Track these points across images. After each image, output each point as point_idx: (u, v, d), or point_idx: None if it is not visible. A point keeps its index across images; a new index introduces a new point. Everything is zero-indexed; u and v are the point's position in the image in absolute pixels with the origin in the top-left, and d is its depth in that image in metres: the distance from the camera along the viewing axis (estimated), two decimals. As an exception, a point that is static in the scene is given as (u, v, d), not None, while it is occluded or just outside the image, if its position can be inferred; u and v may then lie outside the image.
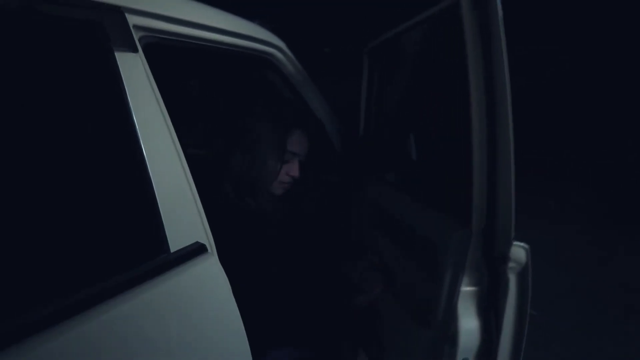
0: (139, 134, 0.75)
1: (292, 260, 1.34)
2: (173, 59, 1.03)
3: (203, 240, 0.85)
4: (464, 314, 1.06)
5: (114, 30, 0.75)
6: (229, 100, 1.43)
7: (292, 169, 1.26)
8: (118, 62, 0.74)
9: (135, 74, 0.77)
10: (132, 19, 0.82)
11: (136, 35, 0.83)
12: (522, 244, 0.98)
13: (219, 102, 1.45)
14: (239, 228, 1.13)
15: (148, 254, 0.75)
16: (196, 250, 0.82)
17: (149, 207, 0.75)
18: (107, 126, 0.75)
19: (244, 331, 0.89)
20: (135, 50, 0.79)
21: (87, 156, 0.72)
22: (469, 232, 1.00)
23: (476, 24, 0.90)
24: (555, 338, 2.46)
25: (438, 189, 1.24)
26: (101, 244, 0.71)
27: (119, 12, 0.78)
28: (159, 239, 0.76)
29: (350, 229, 1.72)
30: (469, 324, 1.06)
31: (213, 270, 0.84)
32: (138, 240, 0.76)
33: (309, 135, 1.29)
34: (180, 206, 0.82)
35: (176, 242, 0.79)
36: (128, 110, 0.74)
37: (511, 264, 0.99)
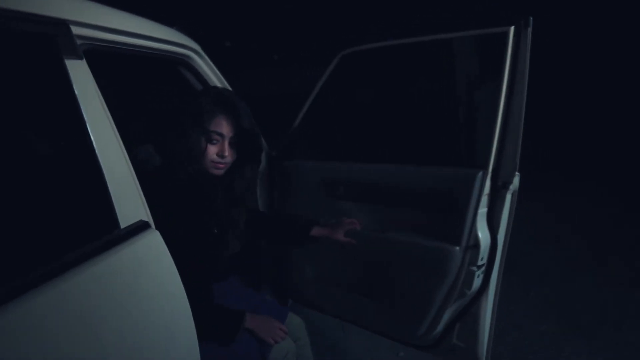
0: (90, 131, 0.89)
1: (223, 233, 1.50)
2: (106, 64, 1.14)
3: (145, 219, 1.01)
4: (480, 228, 1.50)
5: (63, 41, 0.88)
6: (155, 95, 1.53)
7: (221, 149, 1.35)
8: (68, 70, 0.87)
9: (82, 79, 0.90)
10: (74, 30, 0.94)
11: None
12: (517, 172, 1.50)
13: (145, 100, 1.56)
14: (172, 201, 1.25)
15: (104, 229, 0.90)
16: (141, 226, 0.99)
17: (101, 191, 0.90)
18: (65, 125, 0.88)
19: (186, 297, 1.07)
20: (81, 58, 0.92)
21: (50, 151, 0.85)
22: (486, 172, 1.45)
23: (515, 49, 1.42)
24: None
25: (451, 152, 1.74)
26: (64, 223, 0.85)
27: (65, 25, 0.90)
28: (111, 217, 0.91)
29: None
30: (484, 233, 1.51)
31: (156, 244, 1.01)
32: (95, 219, 0.91)
33: (235, 121, 1.36)
34: (125, 190, 0.97)
35: (124, 220, 0.94)
36: (79, 112, 0.87)
37: (511, 187, 1.48)
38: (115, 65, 1.53)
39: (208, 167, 1.36)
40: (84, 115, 0.88)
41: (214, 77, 1.70)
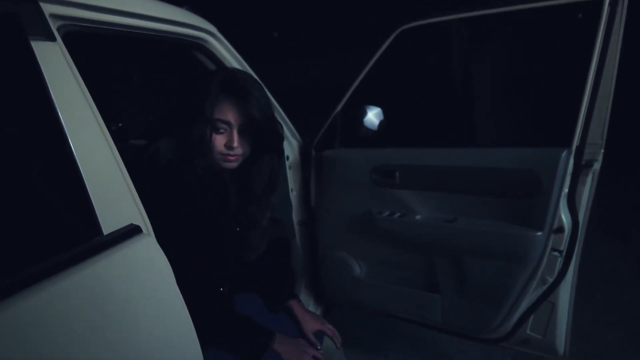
0: (63, 122, 0.76)
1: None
2: (102, 47, 1.03)
3: (138, 222, 0.88)
4: (563, 211, 1.44)
5: (29, 20, 0.76)
6: (163, 83, 1.42)
7: (230, 140, 1.18)
8: (35, 52, 0.75)
9: (54, 62, 0.78)
10: (49, 8, 0.83)
11: (54, 24, 0.83)
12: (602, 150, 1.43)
13: (153, 87, 1.45)
14: (175, 199, 1.14)
15: (81, 237, 0.78)
16: (131, 231, 0.85)
17: (77, 192, 0.77)
18: (29, 117, 0.77)
19: (186, 310, 0.93)
20: (53, 39, 0.80)
21: (14, 148, 0.73)
22: (570, 150, 1.37)
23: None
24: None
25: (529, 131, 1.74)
26: (32, 230, 0.73)
27: (33, 2, 0.78)
28: (91, 222, 0.79)
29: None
30: (567, 216, 1.45)
31: (149, 251, 0.88)
32: (70, 225, 0.79)
33: (245, 106, 1.17)
34: (112, 190, 0.85)
35: (109, 225, 0.82)
36: (50, 99, 0.75)
37: (594, 165, 1.43)
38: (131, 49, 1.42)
39: (218, 160, 1.20)
40: (55, 104, 0.75)
41: (234, 61, 1.56)
